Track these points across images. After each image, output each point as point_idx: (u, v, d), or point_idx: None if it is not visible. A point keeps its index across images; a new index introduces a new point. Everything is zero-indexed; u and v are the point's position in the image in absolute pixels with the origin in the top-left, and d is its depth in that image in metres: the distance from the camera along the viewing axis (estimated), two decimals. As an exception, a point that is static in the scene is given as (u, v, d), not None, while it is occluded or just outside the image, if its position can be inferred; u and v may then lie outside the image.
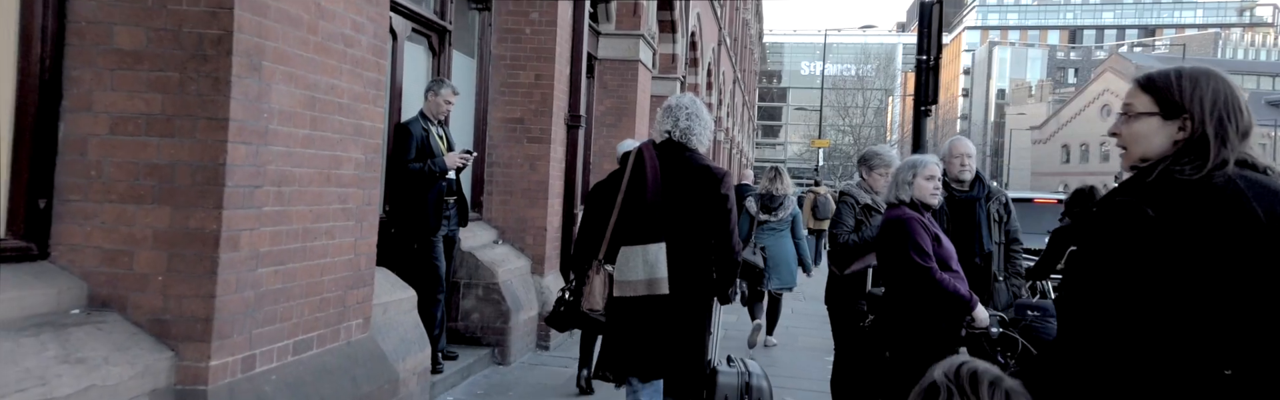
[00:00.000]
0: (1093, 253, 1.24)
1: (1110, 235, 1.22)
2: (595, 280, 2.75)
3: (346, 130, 2.57)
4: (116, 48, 1.98)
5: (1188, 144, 1.25)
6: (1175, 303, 1.16)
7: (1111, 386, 1.20)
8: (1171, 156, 1.26)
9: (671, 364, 2.69)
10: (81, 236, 1.97)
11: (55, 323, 1.82)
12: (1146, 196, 1.22)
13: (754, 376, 2.86)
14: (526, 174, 5.07)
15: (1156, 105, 1.29)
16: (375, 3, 2.72)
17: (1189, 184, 1.21)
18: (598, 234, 3.71)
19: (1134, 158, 1.31)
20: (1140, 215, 1.19)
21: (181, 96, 1.99)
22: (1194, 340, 1.16)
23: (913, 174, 2.81)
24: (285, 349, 2.28)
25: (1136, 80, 1.34)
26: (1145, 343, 1.17)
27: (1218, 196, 1.18)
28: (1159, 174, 1.24)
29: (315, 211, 2.41)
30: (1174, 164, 1.24)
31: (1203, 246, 1.15)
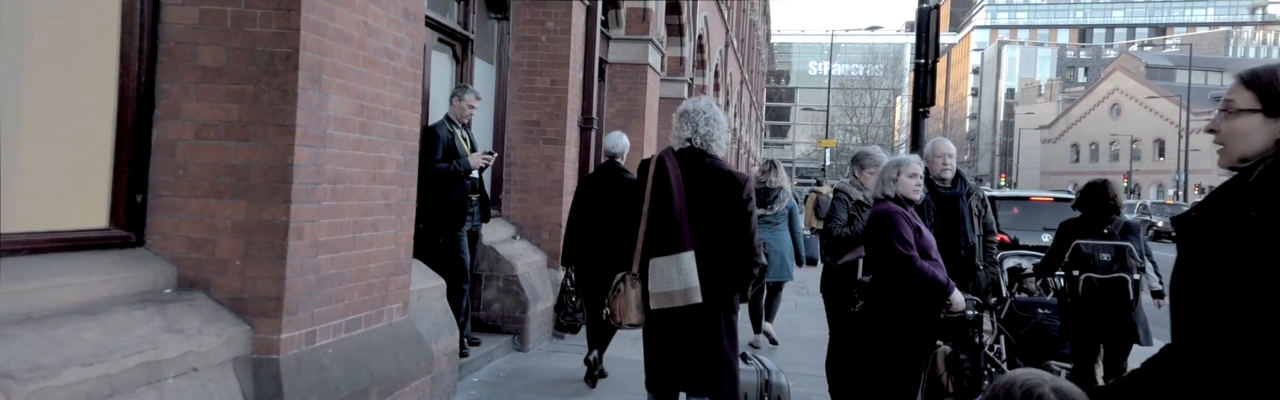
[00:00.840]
0: (1197, 259, 1.18)
1: (1213, 240, 1.16)
2: (630, 294, 2.69)
3: (389, 134, 2.88)
4: (200, 64, 2.30)
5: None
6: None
7: (1227, 397, 1.13)
8: (1274, 155, 1.20)
9: (714, 374, 2.66)
10: (171, 226, 2.29)
11: (155, 299, 2.14)
12: (1248, 198, 1.16)
13: (773, 374, 2.89)
14: (542, 173, 5.39)
15: (1259, 101, 1.22)
16: (412, 19, 3.04)
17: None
18: (584, 231, 3.87)
19: (1232, 157, 1.25)
20: (1243, 218, 1.13)
21: (255, 106, 2.31)
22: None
23: (897, 172, 3.10)
24: (339, 327, 2.60)
25: (1239, 76, 1.28)
26: (1259, 350, 1.10)
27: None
28: (1260, 174, 1.18)
29: (363, 206, 2.73)
30: (1277, 163, 1.18)
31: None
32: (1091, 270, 3.50)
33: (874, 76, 51.68)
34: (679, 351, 2.67)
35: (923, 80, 6.92)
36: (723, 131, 2.80)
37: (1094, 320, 3.53)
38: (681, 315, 2.63)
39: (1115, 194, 3.65)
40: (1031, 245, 7.52)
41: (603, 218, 3.86)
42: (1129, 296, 3.48)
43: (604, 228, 3.83)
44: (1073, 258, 3.56)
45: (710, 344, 2.66)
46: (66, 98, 2.20)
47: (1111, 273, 3.49)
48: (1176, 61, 50.34)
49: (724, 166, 2.75)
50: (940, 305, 3.00)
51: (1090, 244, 3.55)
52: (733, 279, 2.68)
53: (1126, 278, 3.48)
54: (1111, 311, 3.50)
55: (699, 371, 2.67)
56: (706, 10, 13.17)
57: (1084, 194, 3.71)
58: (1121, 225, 3.61)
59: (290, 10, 2.31)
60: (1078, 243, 3.56)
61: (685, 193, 2.66)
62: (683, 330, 2.65)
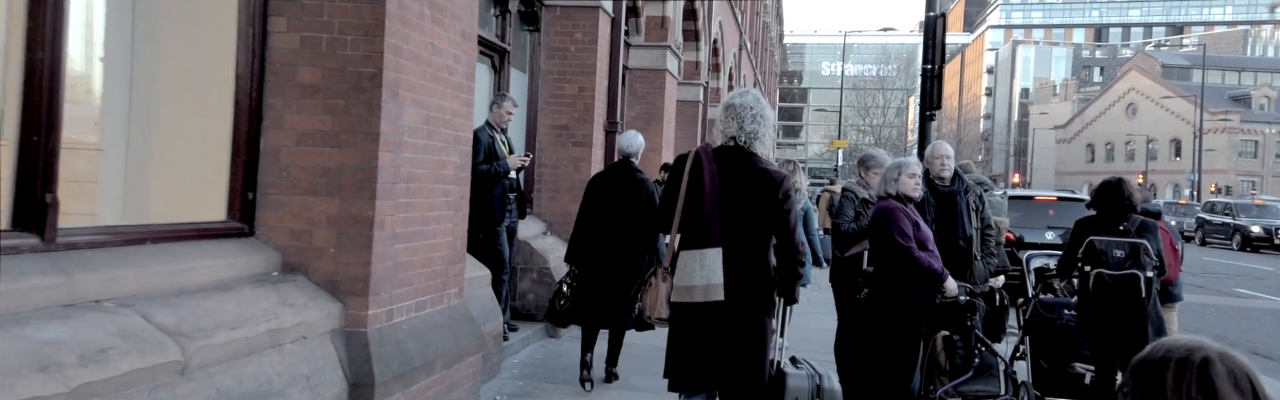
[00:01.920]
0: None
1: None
2: (661, 288, 2.68)
3: (448, 140, 3.29)
4: (300, 82, 2.72)
5: None
6: None
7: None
8: None
9: (732, 373, 2.61)
10: (276, 220, 2.71)
11: (268, 280, 2.56)
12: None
13: (825, 379, 2.75)
14: (571, 174, 5.79)
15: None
16: (468, 39, 3.45)
17: None
18: (592, 229, 3.85)
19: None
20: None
21: (346, 117, 2.72)
22: None
23: (898, 173, 3.47)
24: (411, 307, 3.01)
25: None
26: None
27: None
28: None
29: (428, 203, 3.14)
30: None
31: None
32: (1104, 266, 3.44)
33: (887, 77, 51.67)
34: (707, 348, 2.62)
35: (929, 85, 7.28)
36: (768, 128, 2.72)
37: (1107, 318, 3.46)
38: (711, 312, 2.57)
39: (1130, 192, 3.58)
40: (1037, 242, 7.85)
41: (612, 215, 3.90)
42: (1141, 293, 3.39)
43: (613, 226, 3.90)
44: (1085, 254, 3.51)
45: (740, 342, 2.60)
46: (193, 112, 2.63)
47: (1124, 269, 3.41)
48: (1193, 61, 50.02)
49: (762, 165, 2.67)
50: (936, 291, 3.37)
51: (1104, 240, 3.48)
52: (767, 280, 2.63)
53: (1139, 275, 3.39)
54: (1124, 309, 3.43)
55: (728, 371, 2.61)
56: (721, 15, 13.54)
57: (1099, 192, 3.65)
58: (1138, 223, 3.54)
59: (375, 36, 2.72)
60: (1091, 239, 3.50)
61: (719, 190, 2.61)
62: (712, 327, 2.60)
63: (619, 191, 3.97)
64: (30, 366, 1.60)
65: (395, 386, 2.72)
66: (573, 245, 4.04)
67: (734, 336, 2.61)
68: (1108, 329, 3.49)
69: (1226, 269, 13.99)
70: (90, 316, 1.84)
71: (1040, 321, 3.82)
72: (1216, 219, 20.67)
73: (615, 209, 3.94)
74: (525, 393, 3.88)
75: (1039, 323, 3.82)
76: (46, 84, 1.91)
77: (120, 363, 1.76)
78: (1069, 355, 3.74)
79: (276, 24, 2.70)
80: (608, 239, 3.93)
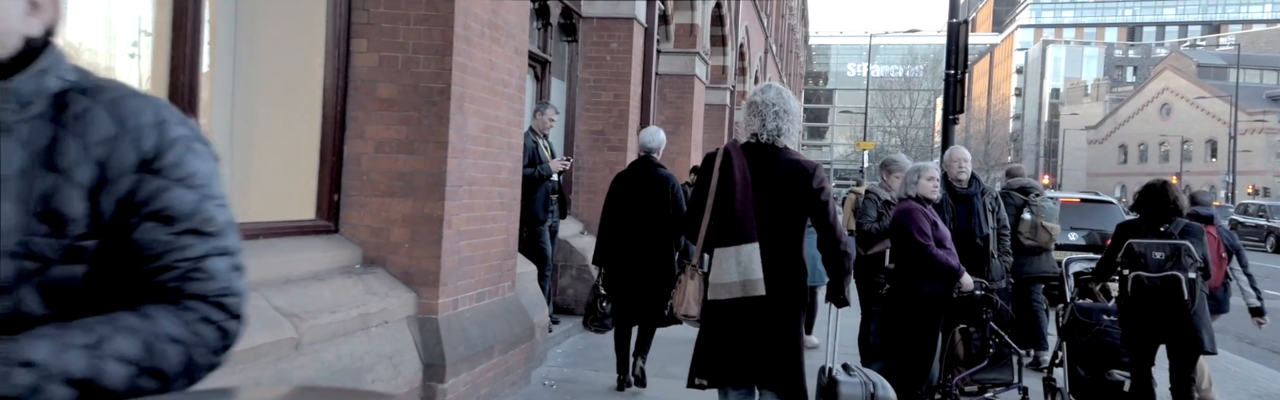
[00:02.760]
0: None
1: None
2: (690, 285, 2.62)
3: (503, 146, 3.62)
4: (379, 96, 3.07)
5: None
6: None
7: None
8: None
9: (770, 369, 2.57)
10: (358, 219, 3.06)
11: (353, 272, 2.90)
12: None
13: (879, 387, 2.69)
14: (607, 177, 6.08)
15: None
16: (520, 54, 3.78)
17: None
18: (616, 228, 3.74)
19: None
20: None
21: (418, 128, 3.06)
22: None
23: (917, 176, 3.73)
24: (472, 297, 3.35)
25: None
26: None
27: None
28: None
29: (486, 203, 3.47)
30: None
31: None
32: (1143, 269, 3.31)
33: (913, 78, 51.30)
34: (734, 344, 2.58)
35: (953, 90, 7.49)
36: (793, 123, 2.65)
37: (1148, 322, 3.32)
38: (746, 308, 2.53)
39: (1176, 196, 3.46)
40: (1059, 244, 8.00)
41: (635, 212, 3.84)
42: (1184, 296, 3.22)
43: (636, 223, 3.83)
44: (1125, 257, 3.38)
45: (778, 338, 2.56)
46: (286, 123, 2.99)
47: (1164, 271, 3.27)
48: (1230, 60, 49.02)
49: (793, 156, 2.62)
50: (952, 286, 3.62)
51: (1143, 243, 3.35)
52: (802, 275, 2.60)
53: (1180, 276, 3.23)
54: (1167, 312, 3.28)
55: (767, 366, 2.57)
56: (747, 20, 13.81)
57: (1142, 196, 3.52)
58: (1182, 226, 3.42)
59: (444, 55, 3.06)
60: (1130, 242, 3.37)
61: (752, 184, 2.56)
62: (748, 323, 2.56)
63: (642, 188, 3.88)
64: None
65: (462, 367, 3.05)
66: (599, 246, 3.99)
67: (770, 331, 2.56)
68: (1149, 334, 3.34)
69: (1258, 270, 13.84)
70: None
71: (1078, 327, 3.70)
72: (1250, 221, 20.43)
73: (639, 206, 3.85)
74: (569, 379, 4.20)
75: (1076, 328, 3.70)
76: (186, 100, 2.27)
77: (255, 337, 2.10)
78: (1106, 362, 3.63)
79: (358, 45, 3.05)
80: (632, 237, 3.86)
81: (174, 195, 0.78)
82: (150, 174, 0.77)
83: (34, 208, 0.73)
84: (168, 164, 0.78)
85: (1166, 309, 3.29)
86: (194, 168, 0.79)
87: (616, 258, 3.90)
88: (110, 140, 0.76)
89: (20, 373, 0.66)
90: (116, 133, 0.77)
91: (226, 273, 0.81)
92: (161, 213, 0.77)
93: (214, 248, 0.80)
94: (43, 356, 0.68)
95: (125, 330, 0.73)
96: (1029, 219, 4.83)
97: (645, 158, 4.05)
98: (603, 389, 3.98)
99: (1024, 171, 5.61)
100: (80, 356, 0.69)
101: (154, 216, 0.77)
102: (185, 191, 0.78)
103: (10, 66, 0.75)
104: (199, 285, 0.78)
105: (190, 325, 0.77)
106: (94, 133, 0.76)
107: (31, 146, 0.74)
